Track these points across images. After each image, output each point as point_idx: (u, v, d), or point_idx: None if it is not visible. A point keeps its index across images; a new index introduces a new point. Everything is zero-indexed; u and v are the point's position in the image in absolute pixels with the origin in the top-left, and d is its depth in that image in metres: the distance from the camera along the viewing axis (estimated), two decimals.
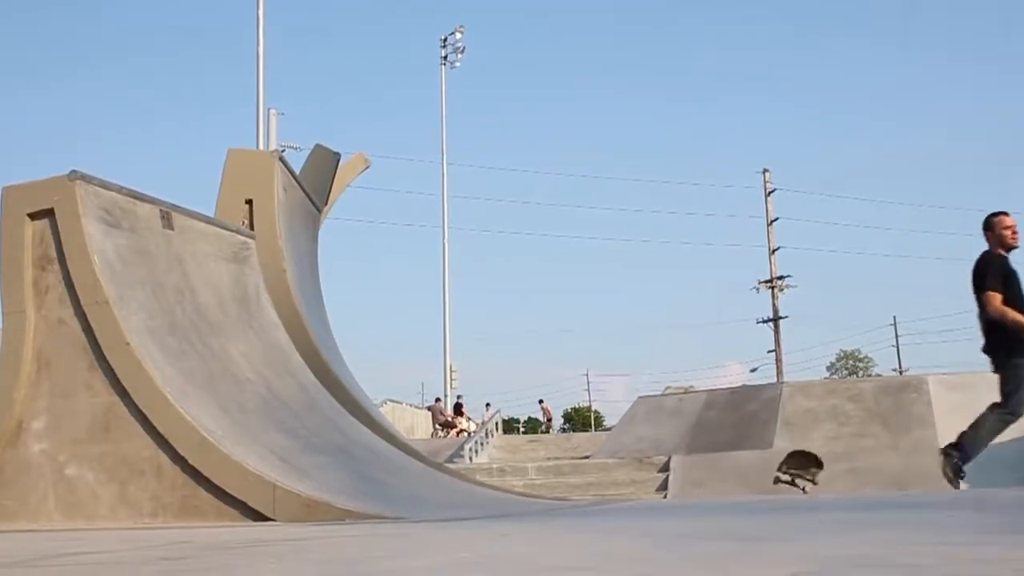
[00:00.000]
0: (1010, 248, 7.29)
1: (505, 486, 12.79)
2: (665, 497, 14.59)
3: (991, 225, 7.30)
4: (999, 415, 7.37)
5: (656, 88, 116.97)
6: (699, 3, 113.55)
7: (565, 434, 45.18)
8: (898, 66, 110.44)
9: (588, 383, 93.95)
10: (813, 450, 15.41)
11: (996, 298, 7.04)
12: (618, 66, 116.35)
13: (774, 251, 47.82)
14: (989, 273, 7.16)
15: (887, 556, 2.67)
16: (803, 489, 8.60)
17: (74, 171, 6.29)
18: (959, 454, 7.39)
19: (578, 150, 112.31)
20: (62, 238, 6.20)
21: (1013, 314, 7.00)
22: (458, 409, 36.81)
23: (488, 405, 36.49)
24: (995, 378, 7.47)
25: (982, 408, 7.66)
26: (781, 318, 47.35)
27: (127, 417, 5.92)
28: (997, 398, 7.48)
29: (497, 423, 32.86)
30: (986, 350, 7.35)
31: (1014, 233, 7.27)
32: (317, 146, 12.36)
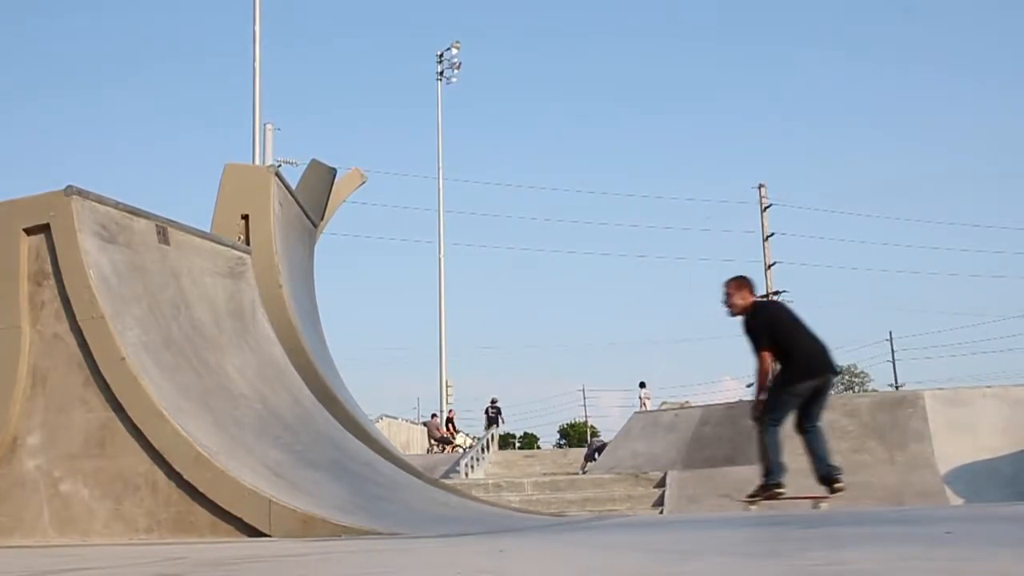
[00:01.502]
0: None
1: (502, 502, 12.76)
2: (661, 512, 14.56)
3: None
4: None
5: (652, 102, 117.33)
6: (694, 18, 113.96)
7: (561, 449, 45.11)
8: (895, 80, 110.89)
9: (584, 398, 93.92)
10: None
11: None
12: (613, 80, 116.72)
13: (770, 266, 47.90)
14: None
15: (882, 572, 2.66)
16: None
17: (70, 186, 6.29)
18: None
19: (573, 165, 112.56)
20: (58, 253, 6.20)
21: None
22: (448, 423, 36.66)
23: (496, 408, 36.11)
24: (992, 392, 7.65)
25: (977, 423, 7.83)
26: None
27: (122, 432, 5.90)
28: (991, 412, 7.72)
29: (493, 436, 32.81)
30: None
31: None
32: (313, 161, 12.37)
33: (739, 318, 7.69)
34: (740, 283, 7.73)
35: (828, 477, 7.76)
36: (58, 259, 6.19)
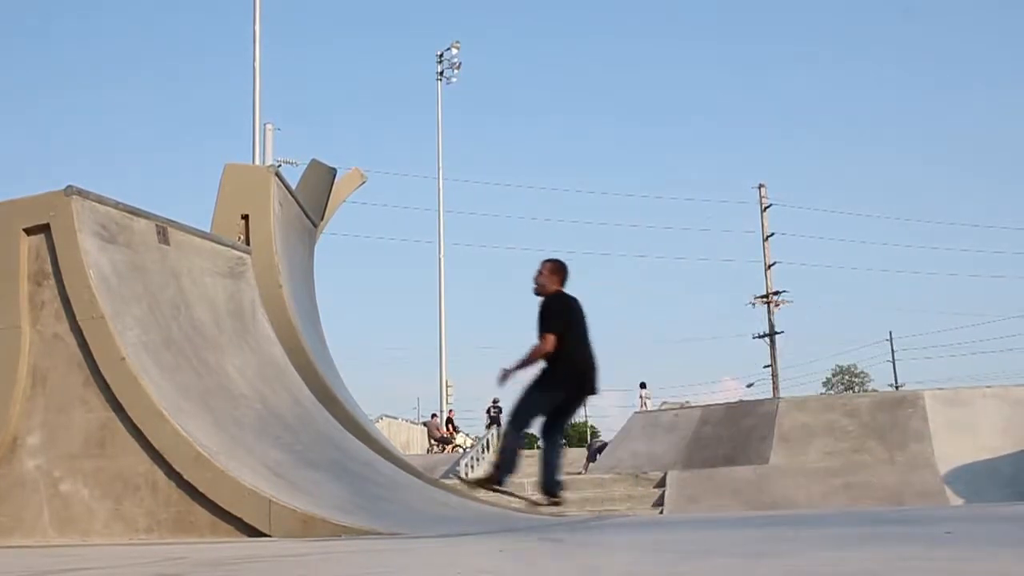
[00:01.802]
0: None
1: (502, 502, 12.75)
2: (661, 512, 14.56)
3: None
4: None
5: (652, 102, 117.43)
6: (694, 19, 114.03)
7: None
8: (895, 80, 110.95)
9: None
10: (810, 465, 15.42)
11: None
12: (613, 80, 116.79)
13: (770, 266, 47.90)
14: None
15: (881, 571, 2.67)
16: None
17: (70, 186, 6.29)
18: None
19: (573, 165, 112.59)
20: (58, 253, 6.20)
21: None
22: (448, 423, 36.75)
23: (498, 408, 36.27)
24: (992, 392, 7.60)
25: (977, 423, 7.75)
26: (777, 333, 47.39)
27: (122, 432, 5.90)
28: (991, 412, 7.64)
29: (492, 436, 32.81)
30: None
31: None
32: (313, 161, 12.36)
33: (539, 299, 7.65)
34: (556, 268, 7.69)
35: (551, 490, 7.73)
36: (58, 259, 6.19)
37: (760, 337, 47.90)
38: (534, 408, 7.48)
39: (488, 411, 36.32)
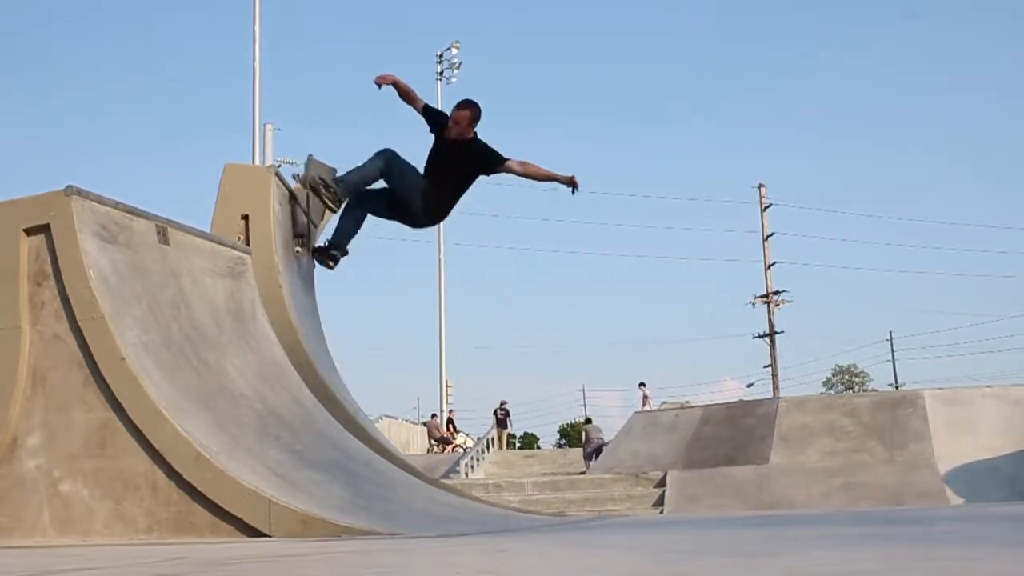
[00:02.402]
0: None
1: (502, 502, 12.76)
2: (662, 512, 14.57)
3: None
4: None
5: (653, 102, 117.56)
6: (694, 20, 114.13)
7: (561, 449, 45.14)
8: (895, 80, 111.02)
9: (584, 398, 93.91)
10: (809, 465, 15.42)
11: None
12: (614, 80, 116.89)
13: (770, 266, 47.92)
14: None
15: (881, 571, 2.67)
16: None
17: (70, 186, 6.28)
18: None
19: (574, 165, 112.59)
20: (58, 253, 6.19)
21: None
22: (448, 423, 36.87)
23: (504, 410, 36.38)
24: (992, 392, 7.66)
25: (977, 423, 7.79)
26: (777, 333, 47.44)
27: (122, 432, 5.89)
28: (991, 412, 7.73)
29: (492, 439, 32.81)
30: None
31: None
32: (310, 157, 12.30)
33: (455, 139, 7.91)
34: (476, 117, 7.92)
35: (330, 251, 8.66)
36: (58, 259, 6.18)
37: (760, 337, 47.96)
38: (404, 188, 7.72)
39: (495, 412, 36.44)
